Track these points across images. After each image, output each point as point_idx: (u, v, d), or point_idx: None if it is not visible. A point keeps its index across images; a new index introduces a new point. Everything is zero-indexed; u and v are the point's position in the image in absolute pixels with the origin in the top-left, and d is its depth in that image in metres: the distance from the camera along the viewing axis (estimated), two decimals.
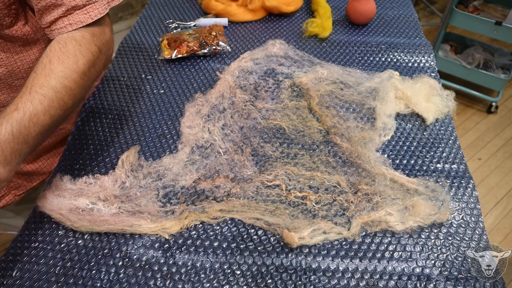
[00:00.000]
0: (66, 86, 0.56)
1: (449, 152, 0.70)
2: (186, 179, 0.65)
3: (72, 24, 0.60)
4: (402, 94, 0.78)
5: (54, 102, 0.55)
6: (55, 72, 0.55)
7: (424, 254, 0.56)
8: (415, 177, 0.65)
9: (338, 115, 0.75)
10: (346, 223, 0.60)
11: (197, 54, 0.91)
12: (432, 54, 0.92)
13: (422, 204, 0.59)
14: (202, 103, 0.78)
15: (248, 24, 1.04)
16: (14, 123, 0.51)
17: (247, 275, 0.54)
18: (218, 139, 0.71)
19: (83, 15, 0.61)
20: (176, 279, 0.54)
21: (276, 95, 0.81)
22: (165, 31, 1.01)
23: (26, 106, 0.52)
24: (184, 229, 0.59)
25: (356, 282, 0.54)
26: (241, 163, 0.68)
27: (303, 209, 0.62)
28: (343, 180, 0.65)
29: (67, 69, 0.57)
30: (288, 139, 0.72)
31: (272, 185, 0.65)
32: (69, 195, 0.61)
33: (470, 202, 0.63)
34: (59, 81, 0.55)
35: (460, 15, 1.92)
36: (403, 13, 1.07)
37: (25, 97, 0.53)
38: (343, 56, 0.92)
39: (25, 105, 0.52)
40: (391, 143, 0.72)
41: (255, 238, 0.58)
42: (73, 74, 0.57)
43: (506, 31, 1.80)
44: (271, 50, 0.90)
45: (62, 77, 0.56)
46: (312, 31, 0.97)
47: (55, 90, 0.55)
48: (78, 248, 0.57)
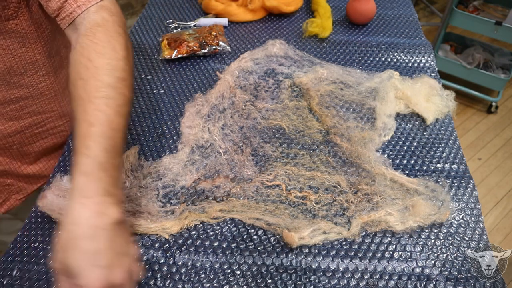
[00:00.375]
0: (119, 77, 0.52)
1: (449, 152, 0.70)
2: (186, 179, 0.65)
3: (80, 6, 0.56)
4: (402, 94, 0.78)
5: (118, 100, 0.50)
6: (102, 68, 0.51)
7: (424, 254, 0.56)
8: (415, 177, 0.65)
9: (338, 115, 0.75)
10: (346, 223, 0.60)
11: (197, 54, 0.91)
12: (432, 54, 0.92)
13: (422, 204, 0.59)
14: (202, 103, 0.78)
15: (248, 24, 1.04)
16: (101, 139, 0.46)
17: (247, 275, 0.54)
18: (218, 139, 0.71)
19: None
20: (176, 279, 0.54)
21: (276, 95, 0.81)
22: (165, 31, 1.01)
23: (98, 117, 0.47)
24: (184, 229, 0.59)
25: (356, 282, 0.54)
26: (241, 163, 0.68)
27: (303, 209, 0.62)
28: (343, 180, 0.65)
29: (111, 60, 0.52)
30: (288, 139, 0.72)
31: (272, 185, 0.65)
32: (69, 195, 0.61)
33: (470, 202, 0.63)
34: (111, 76, 0.51)
35: (460, 15, 1.92)
36: (403, 13, 1.07)
37: (90, 108, 0.48)
38: (343, 56, 0.92)
39: (96, 117, 0.47)
40: (391, 143, 0.72)
41: (255, 238, 0.58)
42: (118, 62, 0.52)
43: (506, 31, 1.80)
44: (271, 50, 0.90)
45: (111, 70, 0.51)
46: (312, 31, 0.97)
47: (112, 87, 0.50)
48: None
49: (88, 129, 0.47)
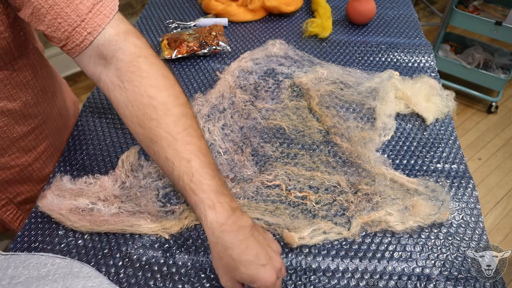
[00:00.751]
0: (183, 103, 0.52)
1: (449, 152, 0.70)
2: None
3: (91, 33, 0.51)
4: (402, 94, 0.78)
5: (193, 124, 0.52)
6: (167, 102, 0.51)
7: (424, 254, 0.56)
8: (415, 177, 0.65)
9: (338, 115, 0.75)
10: (346, 223, 0.60)
11: (197, 54, 0.91)
12: (432, 54, 0.92)
13: (422, 204, 0.59)
14: (202, 103, 0.78)
15: (248, 24, 1.04)
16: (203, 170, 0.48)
17: None
18: (218, 139, 0.71)
19: (99, 18, 0.51)
20: (176, 279, 0.54)
21: (276, 95, 0.81)
22: (165, 31, 1.01)
23: (190, 150, 0.49)
24: (184, 229, 0.59)
25: (356, 282, 0.54)
26: (241, 163, 0.68)
27: (303, 209, 0.62)
28: (343, 180, 0.65)
29: (169, 89, 0.52)
30: (288, 139, 0.72)
31: (272, 185, 0.65)
32: (69, 195, 0.61)
33: (470, 202, 0.63)
34: (177, 105, 0.51)
35: (460, 15, 1.92)
36: (403, 13, 1.07)
37: (179, 145, 0.49)
38: (343, 56, 0.92)
39: (189, 151, 0.49)
40: (391, 143, 0.72)
41: None
42: (172, 89, 0.52)
43: (506, 31, 1.80)
44: (271, 50, 0.90)
45: (175, 100, 0.51)
46: (312, 31, 0.97)
47: (184, 115, 0.51)
48: (78, 248, 0.57)
49: (189, 166, 0.49)
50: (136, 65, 0.52)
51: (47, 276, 0.51)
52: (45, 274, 0.52)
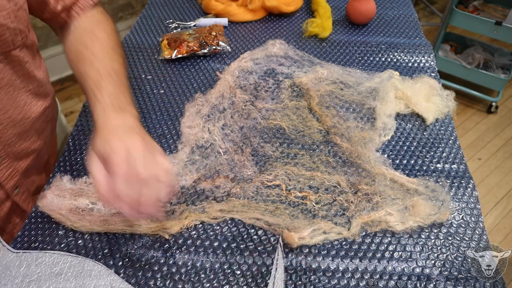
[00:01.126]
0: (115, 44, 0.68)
1: (449, 152, 0.70)
2: (186, 179, 0.65)
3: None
4: (402, 94, 0.78)
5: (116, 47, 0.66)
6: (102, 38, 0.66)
7: (424, 254, 0.56)
8: (415, 177, 0.65)
9: (338, 115, 0.75)
10: (346, 223, 0.60)
11: (197, 54, 0.91)
12: (432, 54, 0.92)
13: (422, 204, 0.59)
14: (202, 103, 0.78)
15: (248, 24, 1.04)
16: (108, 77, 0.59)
17: (247, 275, 0.54)
18: (218, 139, 0.71)
19: None
20: (176, 279, 0.54)
21: (276, 95, 0.81)
22: (165, 31, 1.01)
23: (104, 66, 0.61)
24: (184, 229, 0.59)
25: (356, 282, 0.54)
26: (241, 163, 0.68)
27: (303, 209, 0.62)
28: (343, 180, 0.65)
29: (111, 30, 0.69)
30: (288, 139, 0.72)
31: (272, 185, 0.65)
32: (69, 195, 0.61)
33: (470, 202, 0.63)
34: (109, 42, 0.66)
35: (460, 15, 1.92)
36: (403, 13, 1.07)
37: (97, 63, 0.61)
38: (343, 56, 0.92)
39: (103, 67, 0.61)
40: (391, 143, 0.72)
41: (255, 238, 0.58)
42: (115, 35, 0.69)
43: (506, 31, 1.80)
44: (271, 50, 0.90)
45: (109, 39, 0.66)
46: (312, 31, 0.97)
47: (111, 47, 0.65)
48: (78, 248, 0.57)
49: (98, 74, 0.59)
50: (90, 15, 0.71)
51: (59, 275, 0.51)
52: (58, 272, 0.52)
